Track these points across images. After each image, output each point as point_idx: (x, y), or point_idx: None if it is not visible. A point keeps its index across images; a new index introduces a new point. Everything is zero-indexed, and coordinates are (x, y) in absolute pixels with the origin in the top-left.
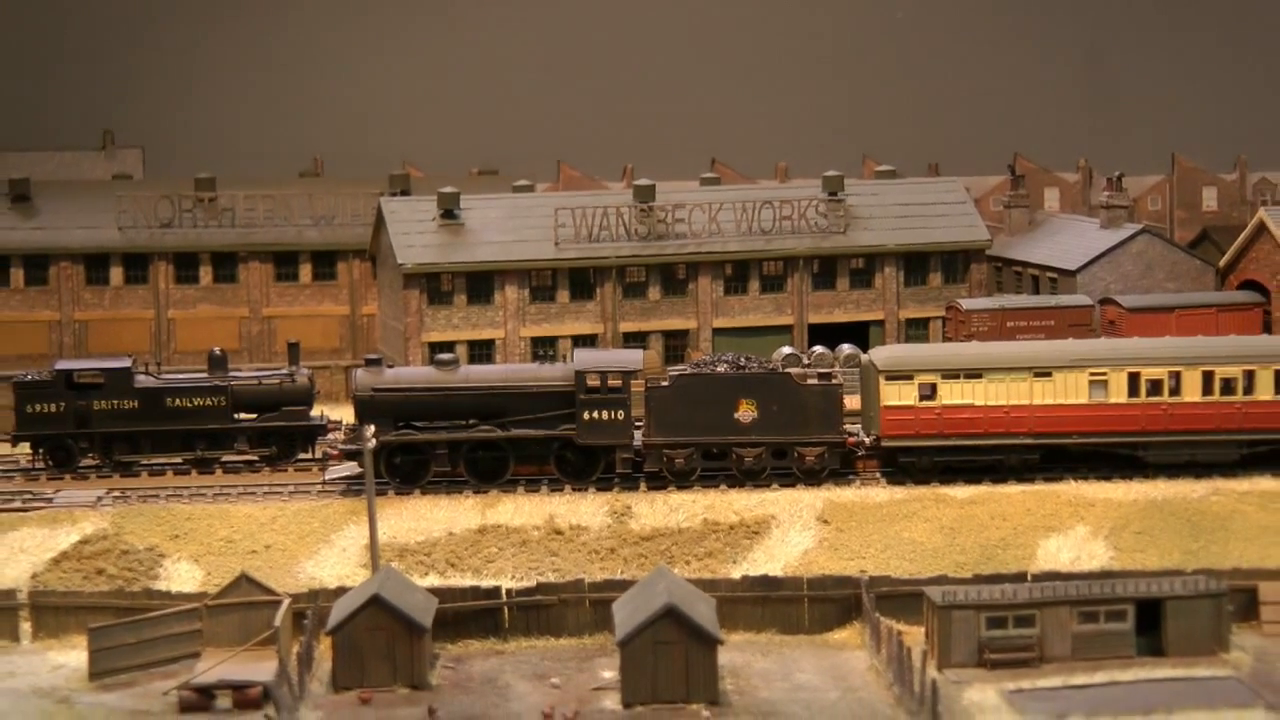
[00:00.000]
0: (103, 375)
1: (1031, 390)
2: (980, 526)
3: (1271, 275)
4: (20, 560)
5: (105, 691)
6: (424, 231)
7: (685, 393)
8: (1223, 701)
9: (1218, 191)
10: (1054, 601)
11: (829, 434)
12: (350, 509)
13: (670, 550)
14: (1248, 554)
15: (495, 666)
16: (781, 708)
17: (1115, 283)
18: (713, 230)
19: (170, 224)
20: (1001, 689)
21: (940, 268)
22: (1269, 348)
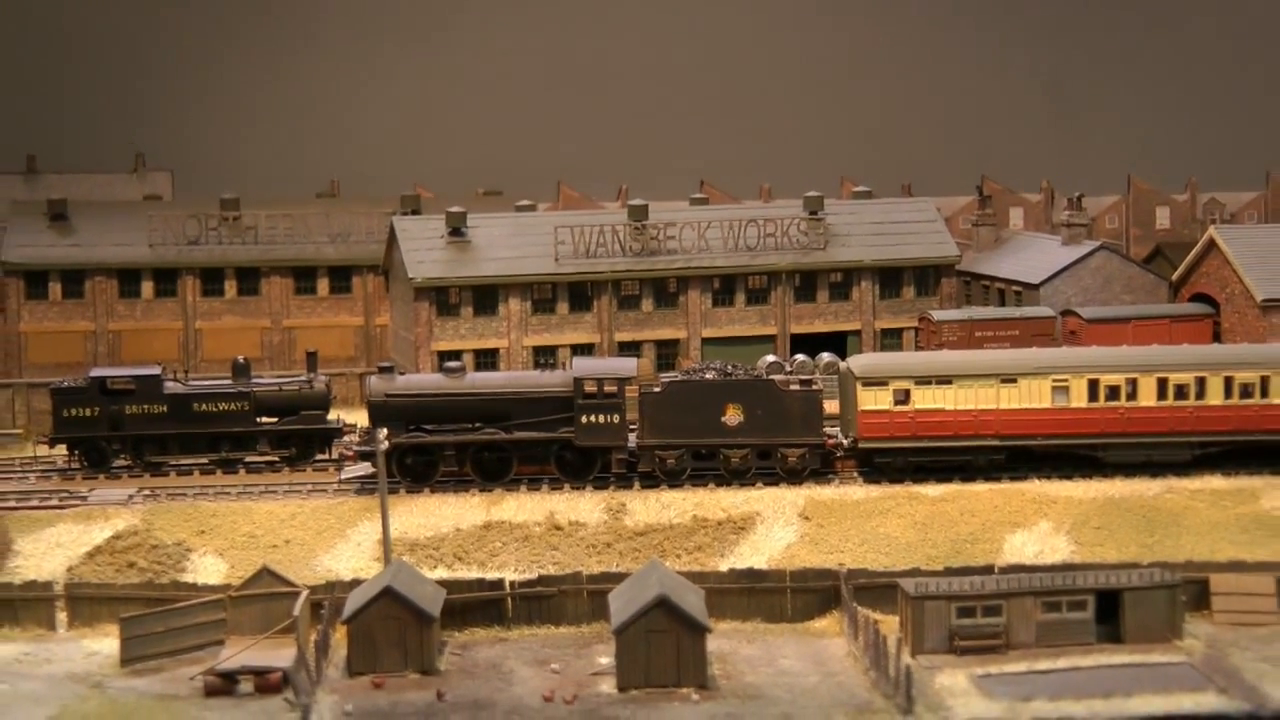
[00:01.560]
0: (134, 382)
1: (998, 395)
2: (951, 522)
3: (1221, 288)
4: (57, 554)
5: (135, 677)
6: (433, 248)
7: (676, 398)
8: (1177, 686)
9: (1170, 211)
10: (1019, 592)
11: (810, 436)
12: (364, 506)
13: (662, 545)
14: (1199, 548)
15: (499, 653)
16: (766, 691)
17: (1076, 295)
18: (701, 247)
19: (197, 241)
20: (971, 674)
21: (913, 281)
22: (1218, 356)
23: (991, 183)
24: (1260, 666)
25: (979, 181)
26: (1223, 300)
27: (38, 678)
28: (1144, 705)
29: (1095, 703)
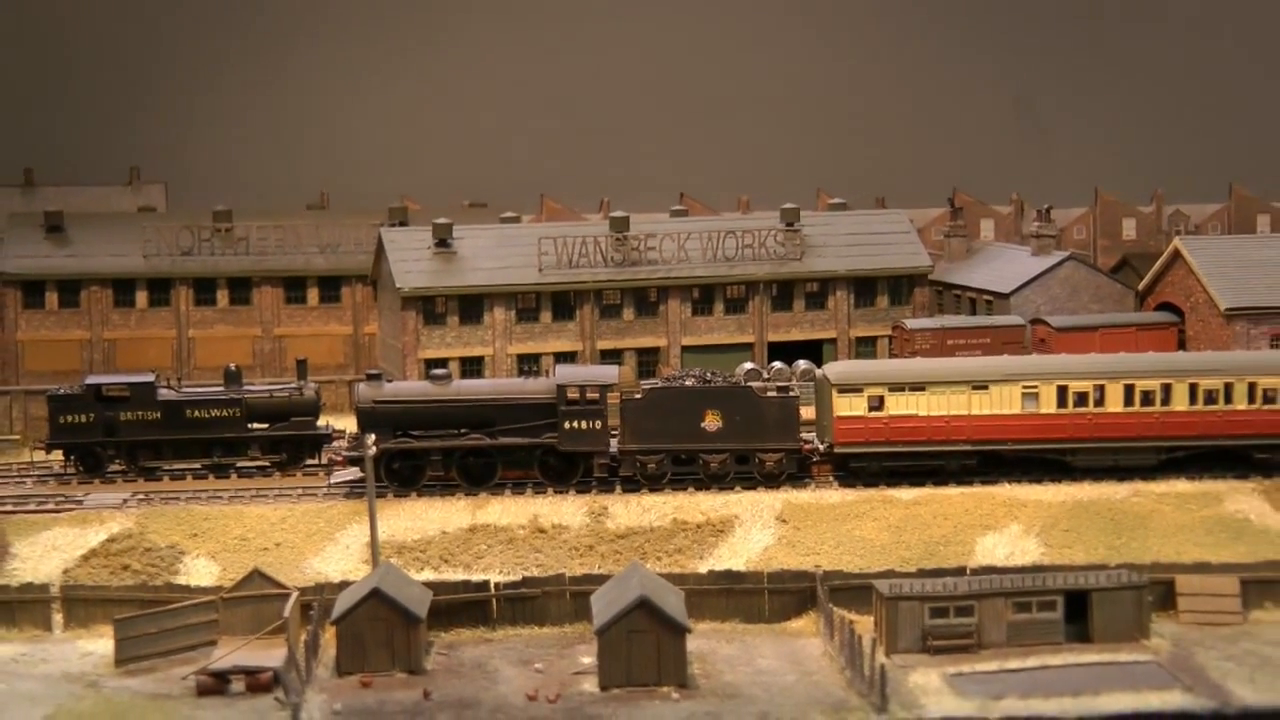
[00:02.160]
0: (128, 389)
1: (970, 402)
2: (924, 525)
3: (1185, 297)
4: (53, 557)
5: (130, 677)
6: (420, 259)
7: (656, 404)
8: (1144, 684)
9: (1136, 222)
10: (991, 593)
11: (787, 441)
12: (353, 510)
13: (643, 547)
14: (1165, 549)
15: (484, 653)
16: (744, 690)
17: (1045, 304)
18: (681, 257)
19: (190, 252)
20: (943, 673)
21: (887, 291)
22: (1183, 363)
23: (963, 195)
24: (1225, 665)
25: (951, 194)
26: (1187, 309)
27: (34, 678)
28: (1112, 703)
29: (1064, 701)
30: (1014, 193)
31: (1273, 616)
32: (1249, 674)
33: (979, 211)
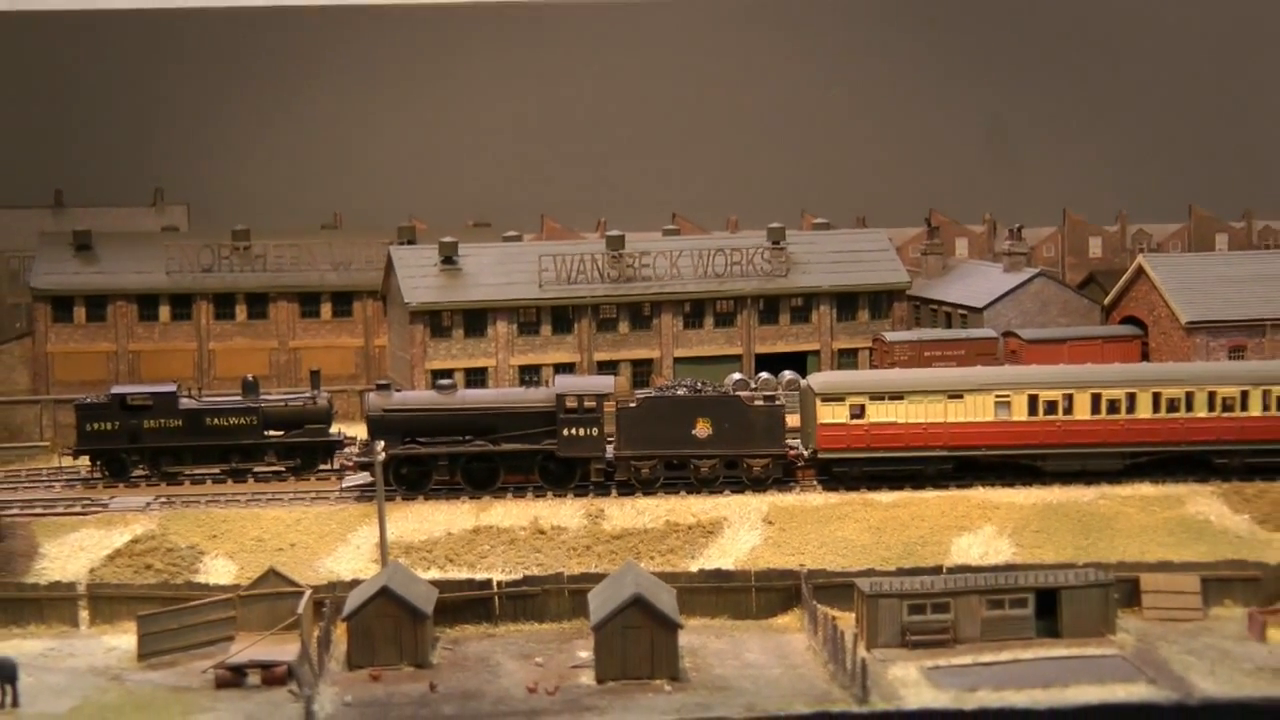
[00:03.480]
0: (152, 398)
1: (946, 410)
2: (902, 526)
3: (1148, 312)
4: (80, 557)
5: (152, 670)
6: (427, 275)
7: (650, 412)
8: (1110, 677)
9: (1102, 241)
10: (965, 591)
11: (773, 448)
12: (363, 513)
13: (637, 547)
14: (1130, 549)
15: (487, 648)
16: (733, 682)
17: (1016, 318)
18: (673, 274)
19: (211, 269)
20: (921, 666)
21: (867, 306)
22: (1147, 373)
23: (939, 215)
24: (1186, 659)
25: (927, 214)
26: (1150, 322)
27: (61, 671)
28: (1080, 695)
29: (1035, 692)
30: (987, 213)
31: (1231, 613)
32: (1209, 667)
33: (954, 231)
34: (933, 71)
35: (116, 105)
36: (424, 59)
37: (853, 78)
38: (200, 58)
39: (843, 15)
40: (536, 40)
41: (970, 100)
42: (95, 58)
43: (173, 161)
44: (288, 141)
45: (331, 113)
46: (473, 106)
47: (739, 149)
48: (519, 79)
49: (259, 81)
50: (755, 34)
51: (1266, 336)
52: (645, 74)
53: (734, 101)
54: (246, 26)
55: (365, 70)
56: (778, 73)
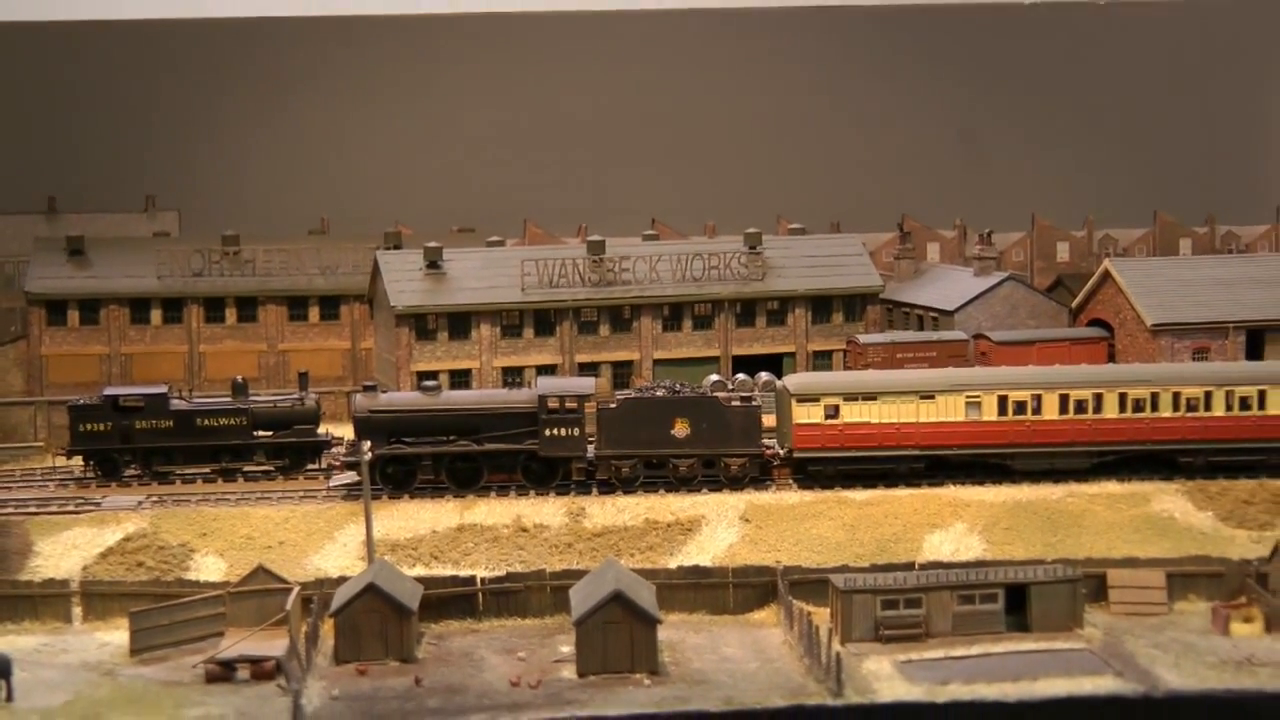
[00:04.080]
0: (143, 400)
1: (918, 410)
2: (876, 524)
3: (1115, 314)
4: (73, 555)
5: (143, 665)
6: (413, 279)
7: (630, 413)
8: (1078, 670)
9: (1070, 245)
10: (937, 586)
11: (750, 447)
12: (350, 511)
13: (618, 545)
14: (1097, 546)
15: (471, 643)
16: (710, 676)
17: (986, 321)
18: (653, 278)
19: (201, 273)
20: (894, 660)
21: (842, 309)
22: (1113, 375)
23: (911, 221)
24: (1152, 652)
25: (900, 220)
26: (1116, 325)
27: (55, 666)
28: (1049, 688)
29: (1005, 685)
30: (958, 218)
31: (1195, 607)
32: (1174, 660)
33: (926, 236)
34: (905, 82)
35: (109, 114)
36: (409, 69)
37: (828, 88)
38: (191, 68)
39: (818, 27)
40: (519, 51)
41: (942, 110)
42: (89, 68)
43: (164, 169)
44: (276, 149)
45: (319, 122)
46: (457, 115)
47: (716, 157)
48: (502, 89)
49: (248, 91)
50: (733, 45)
51: (1229, 338)
52: (625, 84)
53: (712, 110)
54: (236, 38)
55: (352, 80)
56: (755, 83)
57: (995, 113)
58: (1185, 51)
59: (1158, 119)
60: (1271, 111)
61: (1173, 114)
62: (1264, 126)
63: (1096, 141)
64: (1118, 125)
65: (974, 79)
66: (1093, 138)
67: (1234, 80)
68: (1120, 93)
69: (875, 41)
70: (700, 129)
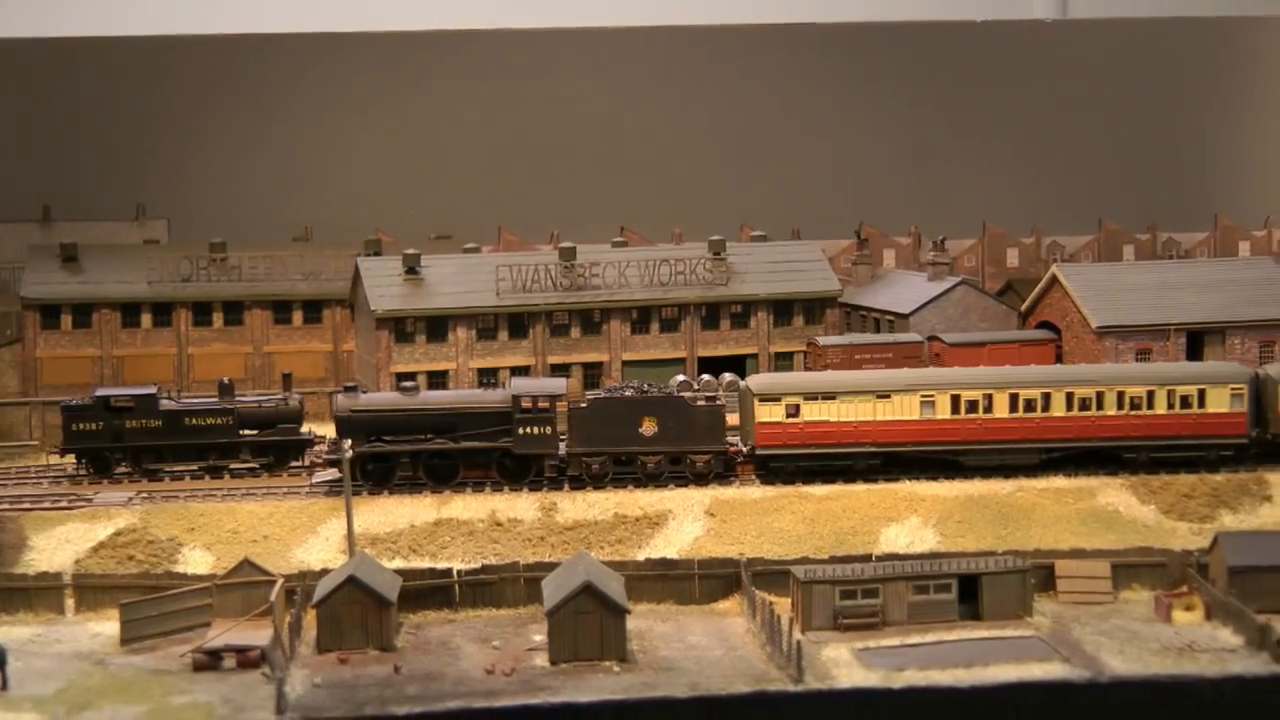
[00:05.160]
0: (134, 400)
1: (875, 409)
2: (835, 518)
3: (1062, 317)
4: (66, 549)
5: (133, 655)
6: (392, 284)
7: (600, 412)
8: (1028, 657)
9: (1019, 251)
10: (893, 577)
11: (715, 445)
12: (332, 506)
13: (588, 538)
14: (1046, 538)
15: (448, 632)
16: (677, 663)
17: (940, 324)
18: (622, 283)
19: (189, 279)
20: (852, 648)
21: (802, 312)
22: (1060, 375)
23: (868, 228)
24: (1098, 639)
25: (858, 227)
26: (1063, 327)
27: (49, 656)
28: (1000, 673)
29: (959, 671)
30: (913, 226)
31: (1139, 596)
32: (1119, 647)
33: (882, 242)
34: (863, 97)
35: (101, 126)
36: (390, 85)
37: (790, 103)
38: (181, 82)
39: (780, 45)
40: (495, 68)
41: (898, 123)
42: (83, 84)
43: (154, 179)
44: (262, 160)
45: (303, 134)
46: (435, 128)
47: (683, 167)
48: (478, 104)
49: (236, 105)
50: (699, 62)
51: (1170, 340)
52: (595, 99)
53: (678, 123)
54: (224, 55)
55: (335, 95)
56: (720, 98)
57: (948, 126)
58: (1128, 68)
59: (1102, 131)
60: (1208, 125)
61: (1116, 127)
62: (1202, 139)
63: (1044, 153)
64: (1064, 138)
65: (928, 94)
66: (1040, 149)
67: (1174, 96)
68: (1066, 107)
69: (835, 58)
70: (667, 141)
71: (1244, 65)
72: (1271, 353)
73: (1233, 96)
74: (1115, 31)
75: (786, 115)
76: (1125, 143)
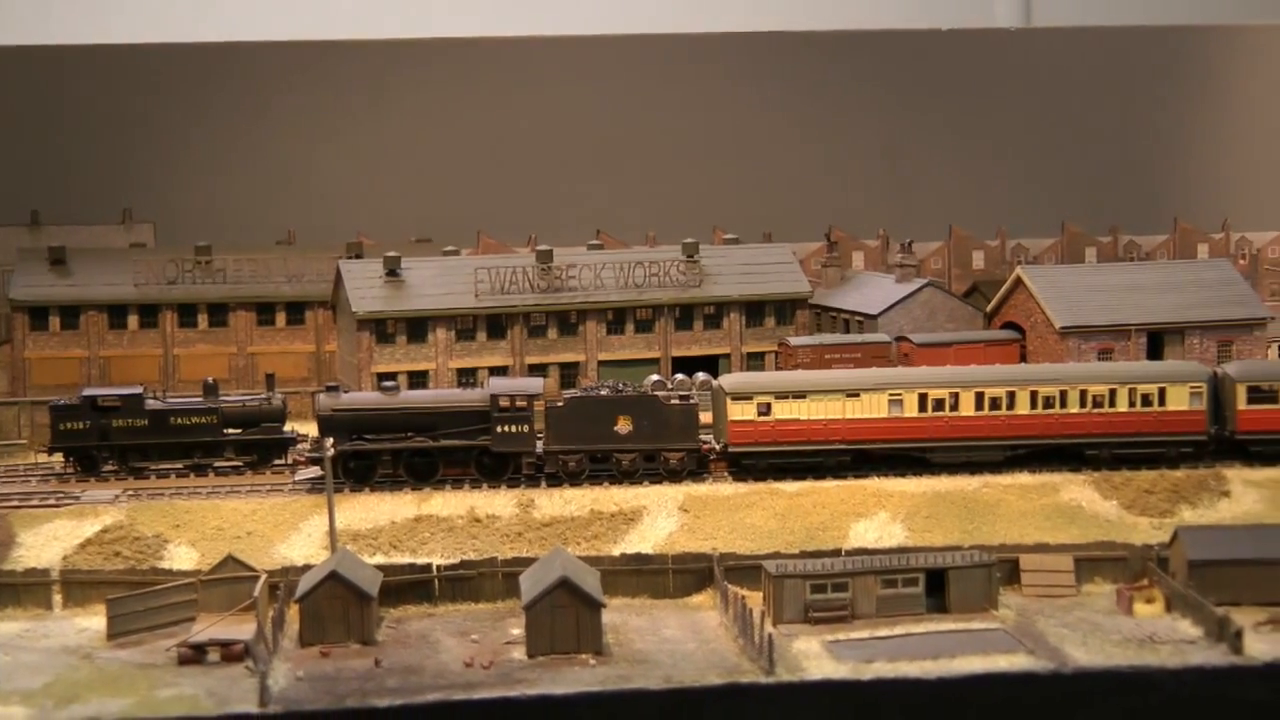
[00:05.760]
0: (120, 400)
1: (844, 407)
2: (805, 513)
3: (1026, 318)
4: (54, 545)
5: (120, 649)
6: (373, 286)
7: (576, 411)
8: (993, 649)
9: (984, 254)
10: (862, 571)
11: (688, 442)
12: (314, 503)
13: (565, 534)
14: (1011, 533)
15: (428, 626)
16: (651, 656)
17: (908, 324)
18: (597, 285)
19: (175, 281)
20: (822, 640)
21: (773, 313)
22: (1025, 374)
23: (838, 231)
24: (1061, 631)
25: (827, 230)
26: (1028, 328)
27: (37, 650)
28: (966, 665)
29: (926, 663)
30: (881, 229)
31: (1101, 589)
32: (1082, 638)
33: (851, 245)
34: (833, 104)
35: (89, 133)
36: (371, 92)
37: (761, 109)
38: (167, 90)
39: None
40: (473, 76)
41: (866, 129)
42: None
43: (140, 184)
44: (246, 166)
45: (286, 140)
46: (415, 135)
47: (657, 172)
48: (457, 111)
49: (220, 112)
50: (673, 70)
51: (1131, 340)
52: (571, 106)
53: (652, 129)
54: (209, 63)
55: (317, 102)
56: (693, 104)
57: (916, 131)
58: (1090, 75)
59: (1065, 137)
60: (1167, 131)
61: (1079, 132)
62: (1161, 145)
63: (1009, 158)
64: (1028, 143)
65: (896, 100)
66: (1005, 154)
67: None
68: (1030, 113)
69: (805, 66)
70: (641, 146)
71: (1202, 73)
72: (1229, 352)
73: (1191, 103)
74: (1077, 40)
75: (758, 121)
76: (1087, 148)
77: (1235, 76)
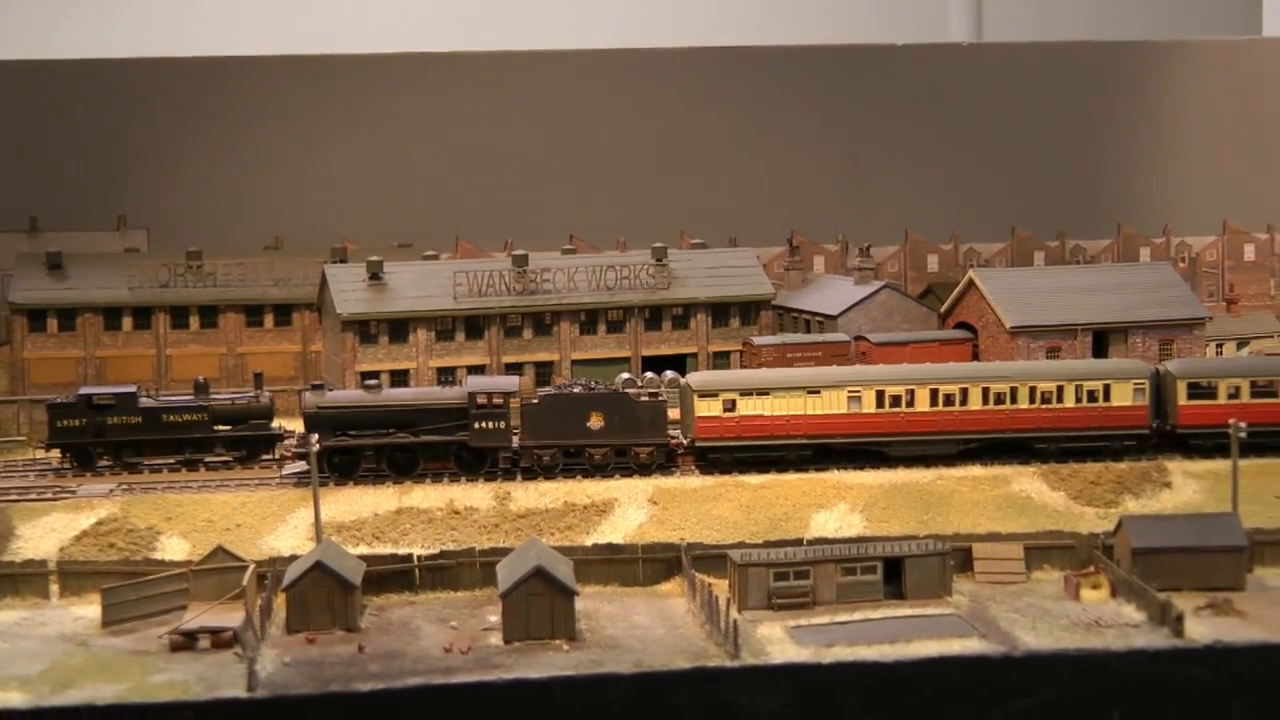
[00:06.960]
0: (115, 398)
1: (806, 404)
2: (769, 505)
3: (978, 318)
4: (51, 537)
5: (114, 636)
6: (357, 289)
7: (550, 408)
8: (948, 633)
9: (939, 257)
10: (823, 560)
11: (657, 437)
12: (300, 497)
13: (540, 525)
14: (964, 522)
15: (409, 614)
16: (622, 642)
17: (866, 325)
18: (571, 287)
19: (168, 285)
20: (785, 626)
21: (738, 314)
22: (977, 371)
23: (799, 236)
24: (1012, 616)
25: (790, 235)
26: (980, 327)
27: (34, 638)
28: (921, 649)
29: (883, 647)
30: (841, 234)
31: (1050, 576)
32: (1031, 623)
33: (812, 249)
34: (795, 113)
35: (85, 143)
36: (354, 104)
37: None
38: (160, 102)
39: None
40: (450, 89)
41: (827, 139)
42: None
43: (135, 192)
44: (236, 174)
45: (274, 150)
46: (397, 145)
47: (627, 179)
48: (437, 121)
49: (211, 123)
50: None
51: (1078, 339)
52: (545, 117)
53: (623, 139)
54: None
55: (304, 113)
56: (662, 116)
57: (874, 141)
58: (1038, 88)
59: (1015, 147)
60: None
61: (1029, 142)
62: (1106, 154)
63: (962, 166)
64: (980, 152)
65: (855, 112)
66: (958, 162)
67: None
68: (982, 123)
69: (769, 79)
70: (612, 155)
71: (1145, 86)
72: (1170, 350)
73: (1134, 114)
74: (1026, 55)
75: (724, 132)
76: (1036, 157)
77: (1175, 89)
